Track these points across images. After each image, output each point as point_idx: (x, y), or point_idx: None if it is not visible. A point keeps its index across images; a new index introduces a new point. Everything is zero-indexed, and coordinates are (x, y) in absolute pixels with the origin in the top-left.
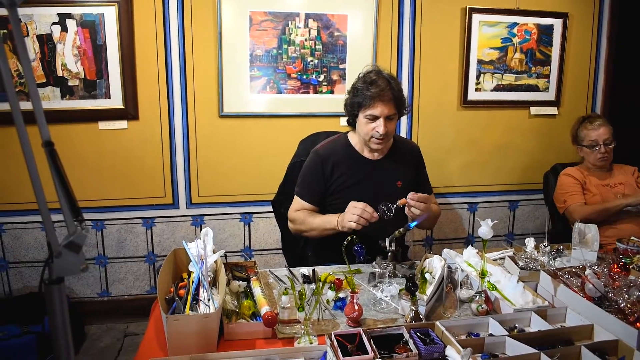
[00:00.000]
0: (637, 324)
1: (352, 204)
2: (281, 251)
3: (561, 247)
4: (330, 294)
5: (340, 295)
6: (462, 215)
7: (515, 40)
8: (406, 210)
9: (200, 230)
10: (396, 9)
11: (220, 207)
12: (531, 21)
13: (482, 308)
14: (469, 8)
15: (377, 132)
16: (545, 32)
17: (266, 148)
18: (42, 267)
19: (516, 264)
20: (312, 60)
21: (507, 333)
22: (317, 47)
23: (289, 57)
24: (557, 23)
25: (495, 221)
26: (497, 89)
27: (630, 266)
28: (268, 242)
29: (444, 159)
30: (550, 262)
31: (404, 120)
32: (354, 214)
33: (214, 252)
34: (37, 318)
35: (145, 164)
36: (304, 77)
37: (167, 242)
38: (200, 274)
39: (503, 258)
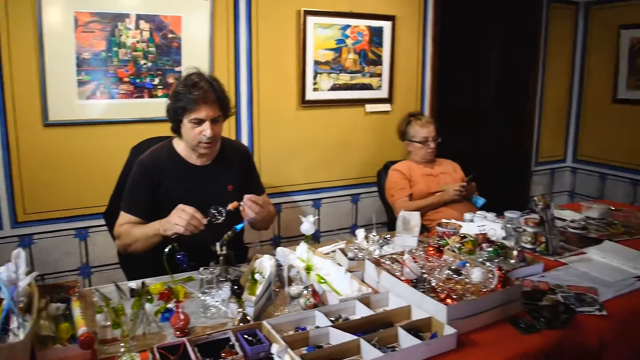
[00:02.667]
0: (447, 300)
1: (179, 207)
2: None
3: (388, 235)
4: (149, 307)
5: (169, 306)
6: (307, 212)
7: (349, 41)
8: (242, 212)
9: (31, 251)
10: (232, 10)
11: (52, 224)
12: (363, 23)
13: (310, 302)
14: (304, 10)
15: (204, 135)
16: (376, 34)
17: (99, 157)
18: None
19: (345, 255)
20: (145, 63)
21: (331, 324)
22: (150, 49)
23: (120, 60)
24: (386, 25)
25: (317, 217)
26: (334, 88)
27: (446, 247)
28: (108, 257)
29: (287, 158)
30: (377, 251)
31: (244, 121)
32: (182, 217)
33: (27, 274)
34: None
35: None
36: (138, 80)
37: None
38: (10, 300)
39: (335, 251)
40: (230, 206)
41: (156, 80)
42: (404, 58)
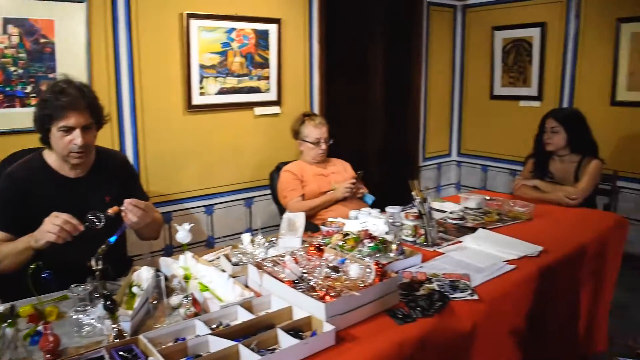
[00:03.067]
0: (325, 297)
1: (53, 214)
2: None
3: (274, 238)
4: (9, 332)
5: (39, 328)
6: (200, 219)
7: (235, 44)
8: (124, 218)
9: None
10: (109, 14)
11: None
12: (248, 26)
13: (190, 311)
14: (187, 14)
15: (75, 144)
16: (262, 37)
17: None
18: None
19: (229, 261)
20: (15, 70)
21: (211, 331)
22: (20, 55)
23: None
24: (272, 28)
25: (192, 224)
26: (221, 92)
27: (328, 246)
28: None
29: (176, 165)
30: (262, 254)
31: (128, 128)
32: (55, 224)
33: None
34: None
35: None
36: (8, 89)
37: None
38: None
39: (219, 257)
40: (110, 211)
41: (28, 88)
42: (292, 60)
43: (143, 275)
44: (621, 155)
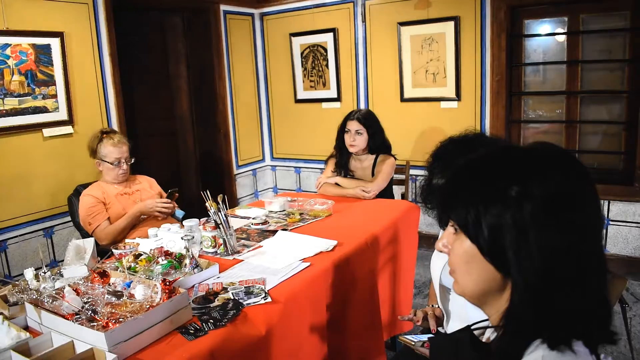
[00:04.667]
0: (108, 326)
1: None
2: None
3: (62, 269)
4: None
5: None
6: None
7: (11, 62)
8: None
9: None
10: None
11: None
12: (25, 41)
13: None
14: None
15: None
16: (43, 52)
17: None
18: None
19: (6, 301)
20: None
21: None
22: None
23: None
24: (54, 42)
25: None
26: (1, 115)
27: (118, 269)
28: None
29: None
30: (49, 289)
31: None
32: None
33: None
34: None
35: None
36: None
37: None
38: None
39: None
40: None
41: None
42: (81, 76)
43: None
44: (412, 146)
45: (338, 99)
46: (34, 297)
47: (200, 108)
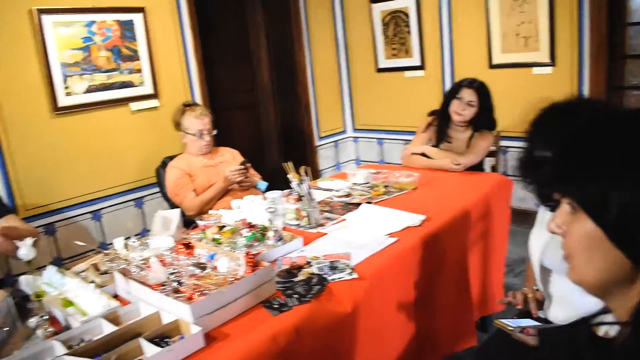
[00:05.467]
0: (193, 297)
1: None
2: None
3: (148, 240)
4: None
5: None
6: (88, 226)
7: (97, 38)
8: None
9: None
10: None
11: None
12: (110, 18)
13: (49, 331)
14: (37, 9)
15: None
16: (127, 28)
17: None
18: None
19: (98, 270)
20: None
21: (66, 351)
22: None
23: None
24: (137, 17)
25: (35, 239)
26: (90, 90)
27: (202, 241)
28: None
29: (51, 172)
30: (137, 258)
31: None
32: None
33: None
34: None
35: None
36: None
37: None
38: None
39: (89, 268)
40: None
41: None
42: (164, 50)
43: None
44: (503, 116)
45: (421, 67)
46: (123, 266)
47: (281, 79)
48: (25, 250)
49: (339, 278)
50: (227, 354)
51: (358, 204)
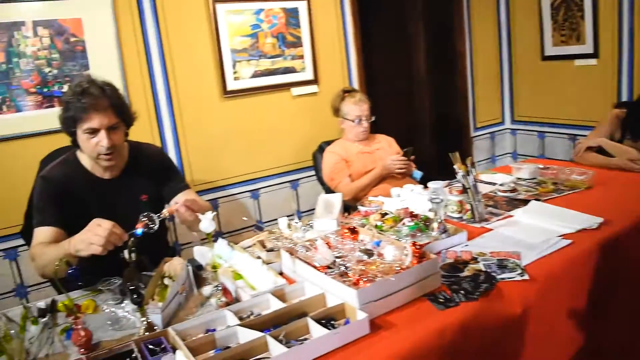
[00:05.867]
0: (359, 283)
1: (95, 222)
2: None
3: (312, 221)
4: (33, 329)
5: None
6: (246, 204)
7: (264, 25)
8: (178, 219)
9: None
10: (135, 6)
11: None
12: (276, 5)
13: (222, 301)
14: None
15: (102, 146)
16: (292, 15)
17: (14, 173)
18: None
19: (264, 247)
20: (50, 71)
21: (238, 322)
22: (53, 56)
23: (23, 71)
24: (301, 5)
25: (215, 213)
26: (256, 75)
27: (365, 227)
28: None
29: (217, 152)
30: (300, 238)
31: (166, 119)
32: (99, 234)
33: None
34: None
35: None
36: (45, 90)
37: None
38: None
39: (255, 244)
40: (166, 212)
41: (65, 88)
42: (325, 37)
43: (174, 265)
44: None
45: (594, 54)
46: (288, 245)
47: (438, 67)
48: (207, 223)
49: (509, 278)
50: (392, 343)
51: (524, 201)
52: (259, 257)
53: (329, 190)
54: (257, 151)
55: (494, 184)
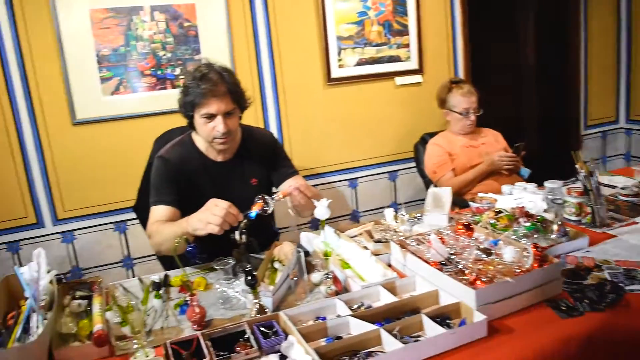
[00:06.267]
0: (476, 283)
1: (212, 202)
2: None
3: (419, 214)
4: (157, 303)
5: (187, 298)
6: (344, 192)
7: (371, 13)
8: (291, 202)
9: (74, 246)
10: None
11: (91, 219)
12: None
13: (331, 289)
14: None
15: (218, 131)
16: (399, 3)
17: (128, 151)
18: None
19: (372, 237)
20: (164, 55)
21: (351, 312)
22: (167, 40)
23: (139, 54)
24: None
25: (330, 200)
26: (360, 63)
27: (478, 224)
28: (149, 248)
29: (317, 139)
30: (407, 231)
31: (271, 105)
32: (216, 214)
33: (48, 272)
34: None
35: None
36: (159, 72)
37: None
38: (32, 299)
39: (362, 233)
40: (281, 195)
41: (177, 71)
42: (432, 26)
43: (284, 250)
44: None
45: None
46: (395, 237)
47: (548, 60)
48: (322, 210)
49: (638, 290)
50: (512, 348)
51: None
52: (365, 248)
53: (429, 183)
54: (357, 140)
55: (614, 187)
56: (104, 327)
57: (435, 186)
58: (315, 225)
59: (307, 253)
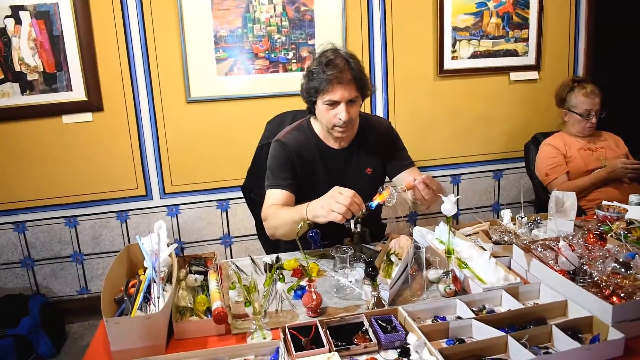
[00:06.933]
0: (612, 297)
1: (336, 189)
2: None
3: (538, 217)
4: (280, 285)
5: (302, 283)
6: (445, 188)
7: (491, 4)
8: (412, 195)
9: (177, 220)
10: None
11: (195, 195)
12: None
13: (450, 289)
14: None
15: (339, 119)
16: None
17: (237, 131)
18: (17, 268)
19: (490, 238)
20: (279, 38)
21: (474, 315)
22: (283, 23)
23: (255, 36)
24: None
25: (459, 196)
26: (474, 56)
27: (609, 235)
28: (247, 228)
29: (423, 132)
30: (526, 235)
31: (379, 94)
32: (340, 202)
33: (168, 245)
34: (13, 321)
35: (114, 156)
36: (272, 55)
37: (143, 235)
38: (152, 270)
39: (478, 233)
40: (405, 187)
41: (290, 55)
42: (554, 19)
43: (401, 243)
44: None
45: None
46: (514, 239)
47: None
48: (449, 205)
49: None
50: None
51: None
52: (482, 248)
53: (538, 185)
54: (464, 135)
55: None
56: (223, 304)
57: (546, 189)
58: (412, 219)
59: (417, 247)
